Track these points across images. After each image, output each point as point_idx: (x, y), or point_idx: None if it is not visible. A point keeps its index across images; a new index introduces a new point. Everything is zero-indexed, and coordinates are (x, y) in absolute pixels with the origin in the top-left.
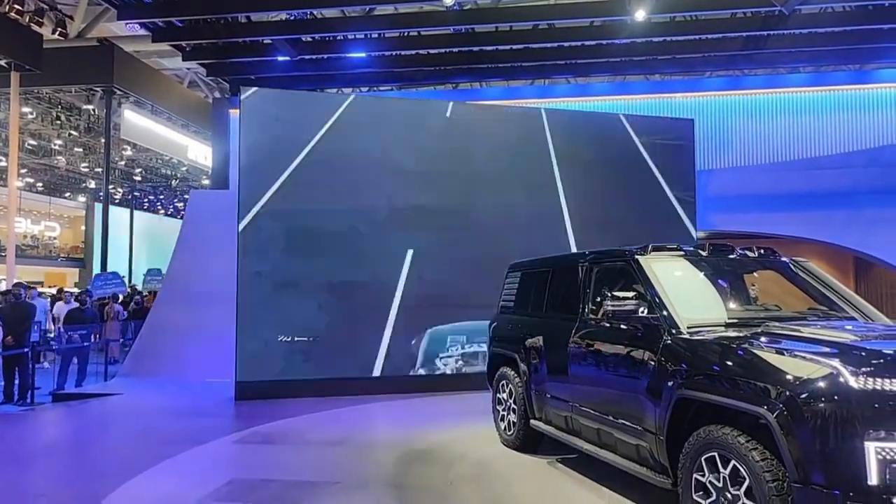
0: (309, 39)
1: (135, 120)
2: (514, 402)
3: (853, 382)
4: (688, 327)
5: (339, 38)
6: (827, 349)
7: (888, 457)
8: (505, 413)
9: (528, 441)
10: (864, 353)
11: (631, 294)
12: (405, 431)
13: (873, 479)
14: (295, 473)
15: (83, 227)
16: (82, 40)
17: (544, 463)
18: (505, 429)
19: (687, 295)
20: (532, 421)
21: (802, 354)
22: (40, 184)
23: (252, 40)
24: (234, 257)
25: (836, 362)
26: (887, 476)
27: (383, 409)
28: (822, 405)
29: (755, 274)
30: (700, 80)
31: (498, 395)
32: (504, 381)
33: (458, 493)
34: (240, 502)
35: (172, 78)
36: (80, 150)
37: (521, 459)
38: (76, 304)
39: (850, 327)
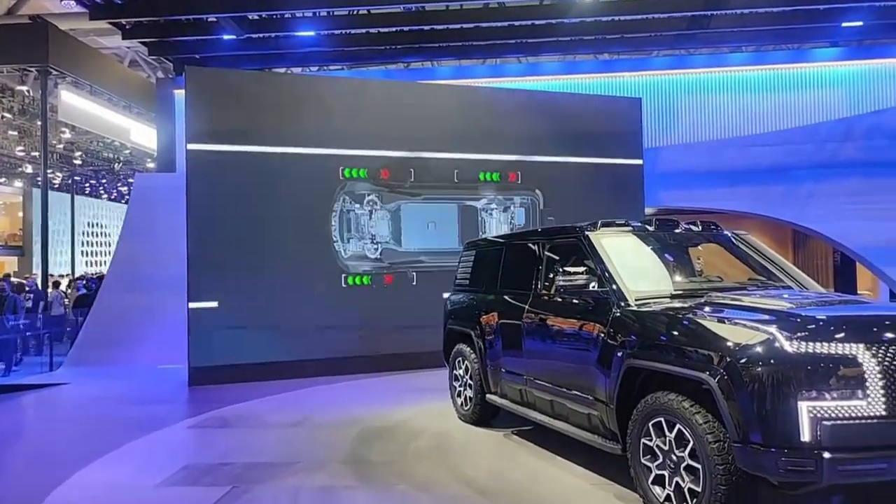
0: (255, 17)
1: (73, 101)
2: (471, 378)
3: (788, 347)
4: (636, 299)
5: (286, 15)
6: (765, 316)
7: (818, 415)
8: (462, 389)
9: (484, 415)
10: (798, 320)
11: (581, 269)
12: (363, 410)
13: (805, 435)
14: (253, 455)
15: (21, 214)
16: (13, 17)
17: (500, 435)
18: (462, 404)
19: (635, 268)
20: (488, 395)
21: (742, 322)
22: None
23: (196, 18)
24: (184, 240)
25: (772, 328)
26: (818, 432)
27: (341, 390)
28: (759, 369)
29: (699, 247)
30: (647, 60)
31: (454, 371)
32: (460, 358)
33: (418, 466)
34: (196, 486)
35: (112, 57)
36: (15, 133)
37: (477, 433)
38: None
39: (786, 296)
